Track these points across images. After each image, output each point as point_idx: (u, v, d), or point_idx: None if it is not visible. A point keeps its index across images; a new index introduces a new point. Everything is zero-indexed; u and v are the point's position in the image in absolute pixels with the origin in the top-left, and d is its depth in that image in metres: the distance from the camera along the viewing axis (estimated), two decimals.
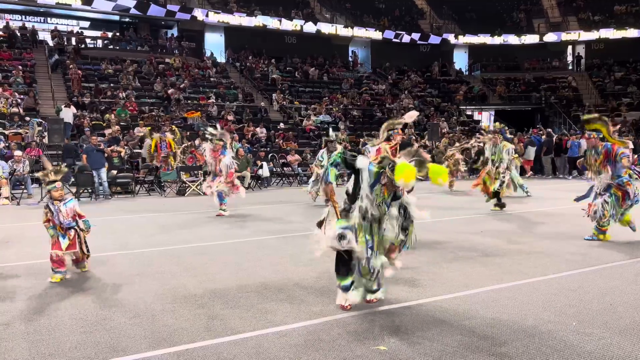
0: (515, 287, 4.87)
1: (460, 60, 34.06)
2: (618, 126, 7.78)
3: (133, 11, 25.83)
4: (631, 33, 30.00)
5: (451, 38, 32.69)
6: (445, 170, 3.95)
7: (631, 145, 11.74)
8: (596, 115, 7.17)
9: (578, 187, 11.85)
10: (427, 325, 3.86)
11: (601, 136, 6.97)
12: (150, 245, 7.04)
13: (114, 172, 13.79)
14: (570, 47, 33.00)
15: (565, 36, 31.73)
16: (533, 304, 4.35)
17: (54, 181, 5.32)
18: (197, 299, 4.56)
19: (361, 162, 4.01)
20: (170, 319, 4.06)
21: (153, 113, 20.11)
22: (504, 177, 9.97)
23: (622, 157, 6.74)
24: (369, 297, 4.30)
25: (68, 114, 17.62)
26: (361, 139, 19.57)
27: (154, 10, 26.23)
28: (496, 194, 10.03)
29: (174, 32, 28.69)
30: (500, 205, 10.10)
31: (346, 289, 4.18)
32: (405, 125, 23.31)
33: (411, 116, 7.10)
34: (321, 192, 10.23)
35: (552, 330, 3.74)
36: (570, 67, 32.44)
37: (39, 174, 5.44)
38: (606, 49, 31.36)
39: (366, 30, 31.13)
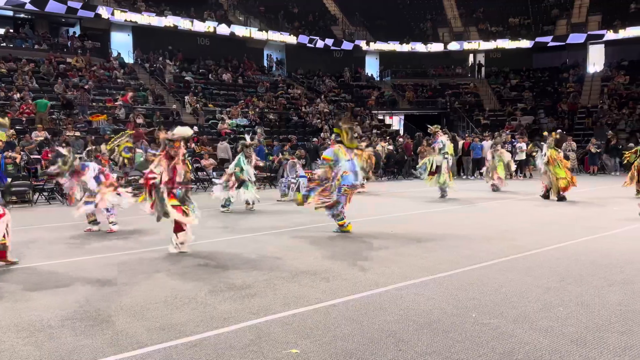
0: (422, 283, 5.11)
1: (372, 66, 35.19)
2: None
3: (29, 7, 23.93)
4: (524, 44, 32.64)
5: (363, 44, 33.65)
6: None
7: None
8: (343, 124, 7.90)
9: (480, 186, 12.67)
10: (339, 326, 3.94)
11: (338, 139, 7.91)
12: (51, 257, 6.56)
13: (9, 179, 12.67)
14: (471, 56, 35.28)
15: (466, 45, 33.85)
16: (437, 298, 4.59)
17: None
18: (100, 313, 4.31)
19: None
20: (70, 336, 3.81)
21: (53, 116, 18.76)
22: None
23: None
24: None
25: None
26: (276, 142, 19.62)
27: (53, 7, 24.47)
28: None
29: (77, 30, 26.97)
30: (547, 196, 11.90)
31: None
32: (320, 129, 23.77)
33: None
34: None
35: (455, 323, 3.96)
36: (470, 74, 34.70)
37: None
38: (503, 57, 33.91)
39: (281, 34, 31.20)
